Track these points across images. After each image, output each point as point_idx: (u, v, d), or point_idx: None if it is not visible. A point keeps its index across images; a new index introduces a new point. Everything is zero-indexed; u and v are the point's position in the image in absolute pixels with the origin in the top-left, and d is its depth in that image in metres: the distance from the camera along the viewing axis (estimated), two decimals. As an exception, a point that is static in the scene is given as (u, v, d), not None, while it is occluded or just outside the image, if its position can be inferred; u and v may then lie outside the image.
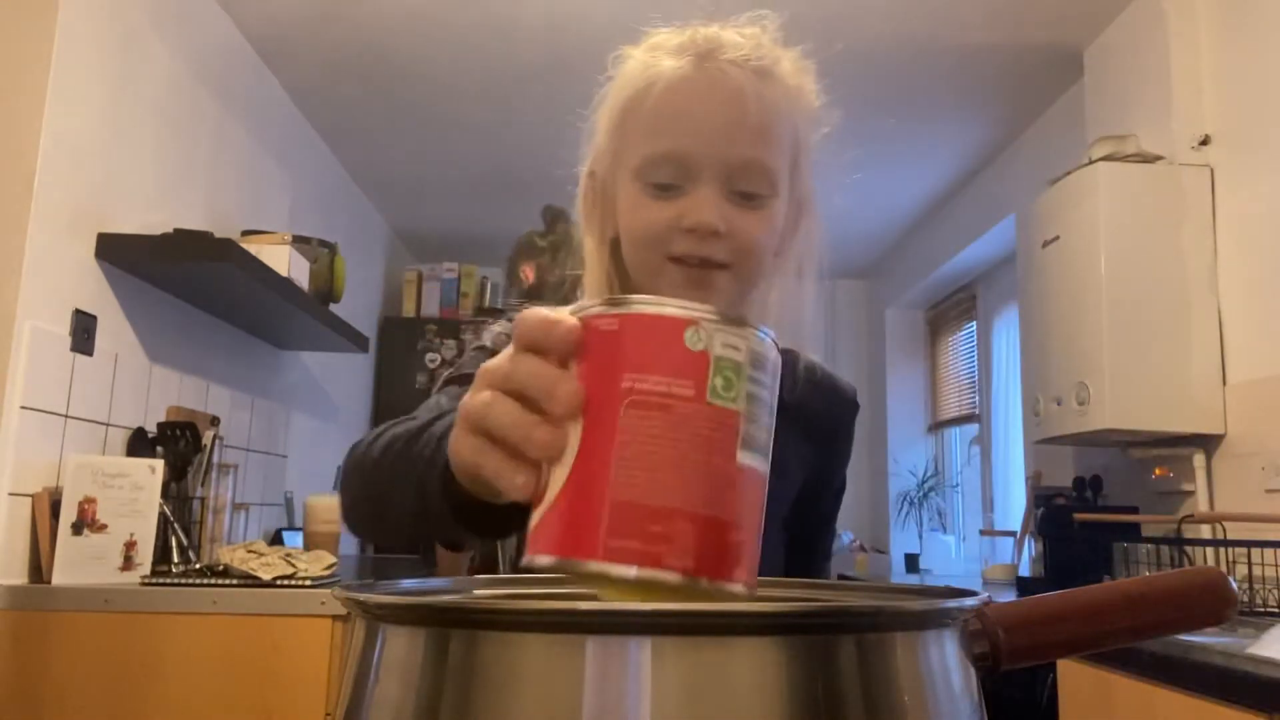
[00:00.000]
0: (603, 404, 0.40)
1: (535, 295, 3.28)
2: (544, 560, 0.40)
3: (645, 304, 0.40)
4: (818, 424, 0.91)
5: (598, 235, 0.87)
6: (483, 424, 0.44)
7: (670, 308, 0.39)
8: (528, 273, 3.44)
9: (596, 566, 0.38)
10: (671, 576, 0.38)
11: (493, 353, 0.81)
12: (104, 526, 1.88)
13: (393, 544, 0.73)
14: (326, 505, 2.54)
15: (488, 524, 0.57)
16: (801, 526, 0.93)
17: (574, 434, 0.40)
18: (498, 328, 0.89)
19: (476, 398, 0.44)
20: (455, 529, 0.59)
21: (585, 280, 0.89)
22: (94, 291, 2.09)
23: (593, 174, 0.88)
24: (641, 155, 0.81)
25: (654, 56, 0.82)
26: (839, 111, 0.89)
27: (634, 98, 0.82)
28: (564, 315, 0.41)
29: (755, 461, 0.40)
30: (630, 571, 0.38)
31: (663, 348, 0.39)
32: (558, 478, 0.40)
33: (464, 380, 0.81)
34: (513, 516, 0.53)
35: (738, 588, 0.39)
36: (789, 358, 0.89)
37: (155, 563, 1.97)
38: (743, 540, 0.40)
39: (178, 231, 2.20)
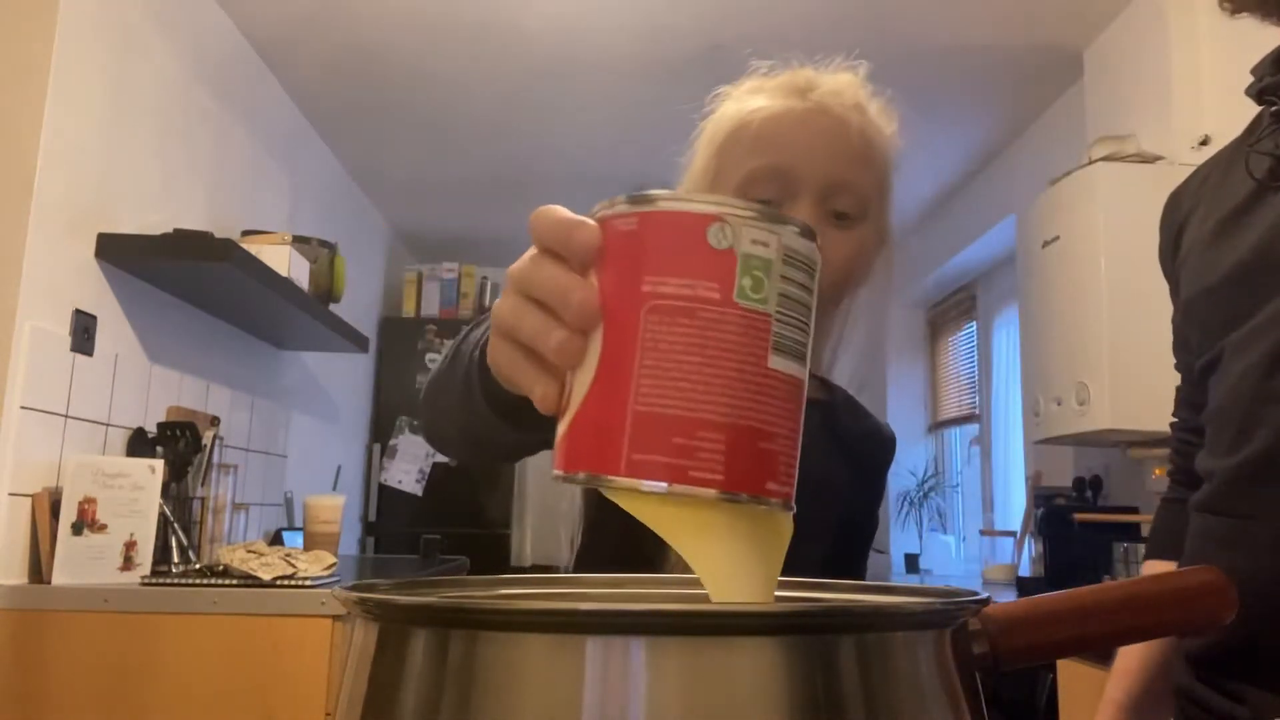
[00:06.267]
0: (624, 310, 0.37)
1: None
2: (570, 476, 0.38)
3: (667, 200, 0.37)
4: (861, 463, 0.93)
5: None
6: (507, 330, 0.43)
7: (693, 203, 0.37)
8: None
9: (623, 482, 0.36)
10: (702, 491, 0.36)
11: None
12: (104, 526, 1.88)
13: (466, 449, 0.74)
14: (326, 505, 2.54)
15: (530, 420, 0.58)
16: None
17: (596, 342, 0.38)
18: None
19: (503, 303, 0.44)
20: (500, 427, 0.62)
21: None
22: (94, 291, 2.10)
23: None
24: (746, 170, 0.85)
25: (754, 94, 0.88)
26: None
27: (738, 126, 0.86)
28: (583, 218, 0.39)
29: (789, 366, 0.38)
30: (659, 486, 0.36)
31: (685, 247, 0.37)
32: (580, 388, 0.38)
33: None
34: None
35: (775, 501, 0.37)
36: (843, 397, 0.94)
37: (155, 563, 1.97)
38: (776, 450, 0.38)
39: (178, 231, 2.20)
